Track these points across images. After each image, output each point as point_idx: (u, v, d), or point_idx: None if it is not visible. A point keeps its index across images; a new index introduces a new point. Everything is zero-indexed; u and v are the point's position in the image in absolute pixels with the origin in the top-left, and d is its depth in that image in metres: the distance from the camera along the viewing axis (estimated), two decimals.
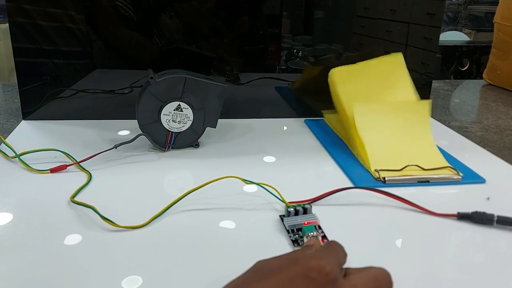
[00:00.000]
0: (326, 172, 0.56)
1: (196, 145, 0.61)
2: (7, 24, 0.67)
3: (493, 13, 1.08)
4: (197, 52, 0.73)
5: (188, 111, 0.58)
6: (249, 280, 0.30)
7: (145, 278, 0.35)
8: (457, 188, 0.52)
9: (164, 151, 0.60)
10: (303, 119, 0.75)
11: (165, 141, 0.59)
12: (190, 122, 0.59)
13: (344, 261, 0.33)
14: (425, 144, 0.59)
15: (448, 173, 0.54)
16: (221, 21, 0.74)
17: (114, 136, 0.65)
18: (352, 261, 0.34)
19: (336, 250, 0.33)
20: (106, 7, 0.70)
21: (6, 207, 0.45)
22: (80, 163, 0.54)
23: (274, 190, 0.46)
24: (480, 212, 0.44)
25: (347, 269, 0.32)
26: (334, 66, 0.64)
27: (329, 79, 0.64)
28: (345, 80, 0.63)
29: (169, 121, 0.58)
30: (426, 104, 0.61)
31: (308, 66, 0.79)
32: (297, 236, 0.41)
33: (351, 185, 0.52)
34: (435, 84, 1.04)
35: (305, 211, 0.43)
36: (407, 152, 0.57)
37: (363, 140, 0.57)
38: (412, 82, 0.64)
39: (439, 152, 0.58)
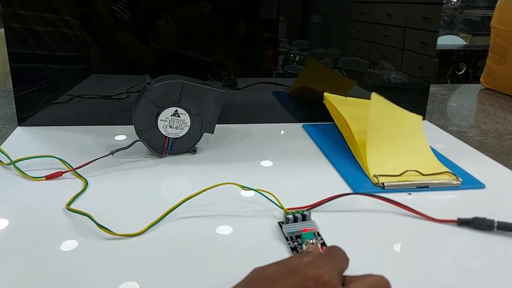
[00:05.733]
0: (325, 178, 0.55)
1: (193, 151, 0.61)
2: (2, 30, 0.66)
3: (488, 17, 1.08)
4: (194, 57, 0.73)
5: (185, 117, 0.58)
6: None
7: (142, 287, 0.35)
8: (456, 193, 0.52)
9: (161, 157, 0.59)
10: (301, 124, 0.75)
11: (162, 147, 0.59)
12: (188, 128, 0.58)
13: (345, 267, 0.33)
14: (424, 150, 0.58)
15: (448, 178, 0.53)
16: (218, 26, 0.74)
17: (111, 142, 0.64)
18: (351, 268, 0.33)
19: (337, 257, 0.33)
20: (102, 12, 0.70)
21: (1, 214, 0.44)
22: (76, 170, 0.53)
23: (273, 197, 0.46)
24: (480, 218, 0.44)
25: (345, 277, 0.32)
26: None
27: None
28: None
29: (166, 127, 0.58)
30: (419, 118, 0.62)
31: (311, 59, 0.78)
32: (296, 243, 0.40)
33: (349, 191, 0.52)
34: (432, 88, 1.04)
35: (304, 218, 0.43)
36: (406, 157, 0.56)
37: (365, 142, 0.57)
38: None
39: (437, 159, 0.57)
